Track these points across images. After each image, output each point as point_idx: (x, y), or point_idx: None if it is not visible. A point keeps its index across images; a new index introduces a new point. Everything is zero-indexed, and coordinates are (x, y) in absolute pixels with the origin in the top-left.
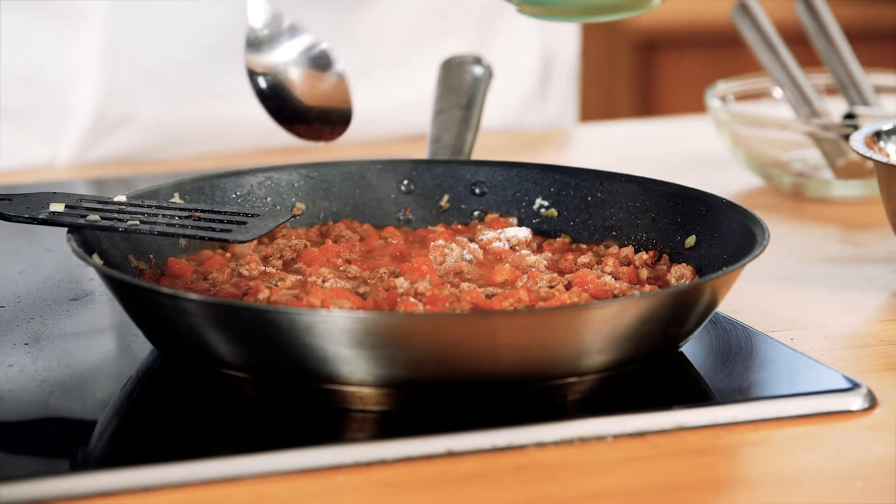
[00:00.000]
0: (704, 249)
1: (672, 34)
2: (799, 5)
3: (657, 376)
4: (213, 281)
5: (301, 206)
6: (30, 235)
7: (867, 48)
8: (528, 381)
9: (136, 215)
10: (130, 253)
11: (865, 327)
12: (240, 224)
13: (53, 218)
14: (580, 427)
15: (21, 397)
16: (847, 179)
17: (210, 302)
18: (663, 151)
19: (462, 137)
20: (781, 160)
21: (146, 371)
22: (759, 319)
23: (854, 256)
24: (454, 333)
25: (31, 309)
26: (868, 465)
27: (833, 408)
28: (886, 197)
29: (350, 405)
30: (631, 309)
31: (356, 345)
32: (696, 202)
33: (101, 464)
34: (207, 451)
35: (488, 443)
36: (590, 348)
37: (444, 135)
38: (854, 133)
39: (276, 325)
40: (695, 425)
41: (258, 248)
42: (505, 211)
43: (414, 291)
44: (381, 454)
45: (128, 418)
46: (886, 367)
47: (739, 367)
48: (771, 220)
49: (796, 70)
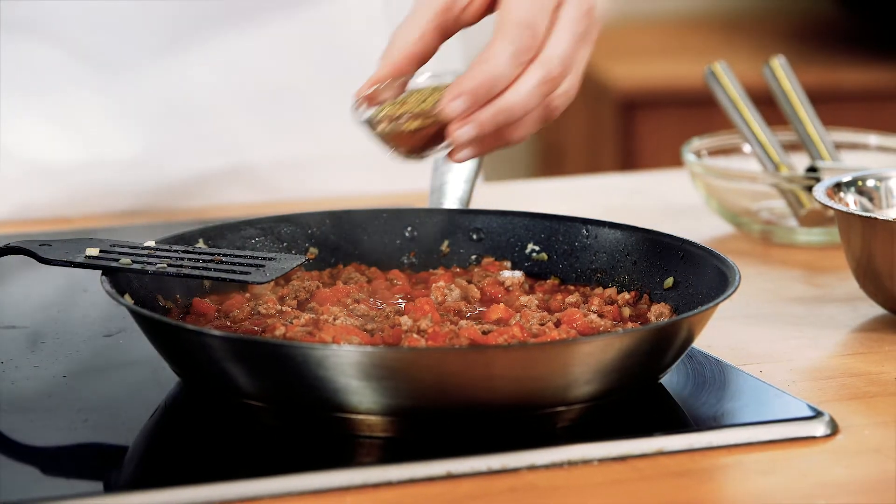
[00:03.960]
0: (681, 290)
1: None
2: (766, 69)
3: (639, 405)
4: (233, 318)
5: (314, 250)
6: (68, 278)
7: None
8: (521, 409)
9: (164, 259)
10: (159, 293)
11: (828, 361)
12: (258, 267)
13: (89, 261)
14: (569, 452)
15: (59, 424)
16: (810, 227)
17: (231, 338)
18: (643, 201)
19: (461, 188)
20: (751, 209)
21: (173, 401)
22: (731, 354)
23: (817, 297)
24: (453, 366)
25: (69, 344)
26: (830, 486)
27: (798, 434)
28: (846, 243)
29: (358, 432)
30: (615, 344)
31: (364, 377)
32: (673, 247)
33: (132, 485)
34: (228, 474)
35: (484, 466)
36: (577, 380)
37: (445, 186)
38: (816, 185)
39: (291, 358)
40: (673, 450)
41: (275, 289)
42: (500, 255)
43: (417, 328)
44: (387, 477)
45: (156, 444)
46: (847, 397)
47: (713, 397)
48: (742, 264)
49: (763, 128)
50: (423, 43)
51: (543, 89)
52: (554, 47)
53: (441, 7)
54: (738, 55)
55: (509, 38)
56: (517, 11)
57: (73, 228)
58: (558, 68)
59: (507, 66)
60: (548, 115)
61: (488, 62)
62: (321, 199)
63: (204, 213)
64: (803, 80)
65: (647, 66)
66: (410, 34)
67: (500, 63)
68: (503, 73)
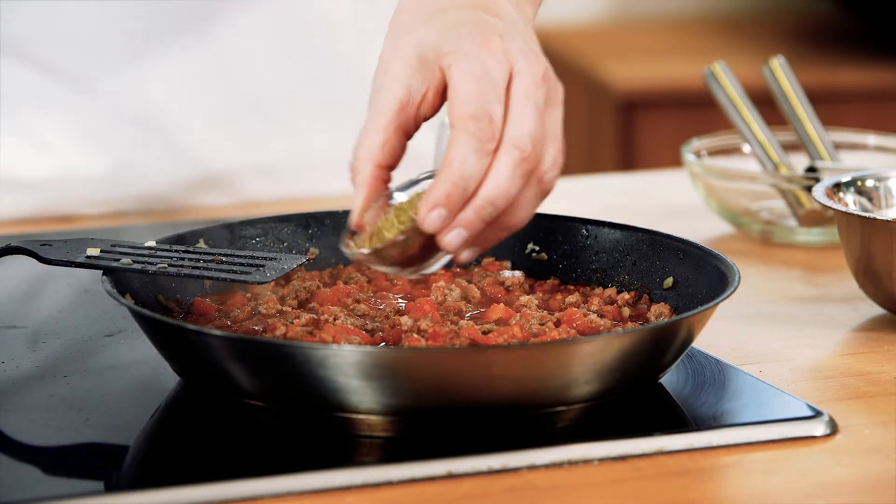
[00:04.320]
0: (681, 290)
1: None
2: (765, 70)
3: (639, 405)
4: (234, 318)
5: (315, 250)
6: (69, 277)
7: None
8: (521, 409)
9: (165, 259)
10: (159, 293)
11: (827, 360)
12: (259, 267)
13: (90, 261)
14: (569, 451)
15: (61, 424)
16: (810, 227)
17: (232, 337)
18: (643, 202)
19: None
20: (750, 209)
21: (173, 400)
22: (731, 353)
23: (816, 297)
24: (454, 366)
25: (70, 344)
26: (830, 485)
27: (798, 434)
28: (845, 243)
29: (359, 432)
30: (614, 344)
31: (364, 377)
32: (673, 247)
33: (132, 485)
34: (229, 473)
35: (485, 466)
36: (577, 380)
37: None
38: (816, 185)
39: (291, 358)
40: (673, 450)
41: (275, 289)
42: (500, 255)
43: (417, 328)
44: (388, 476)
45: (157, 443)
46: (846, 397)
47: (713, 397)
48: (741, 264)
49: (763, 128)
50: (389, 148)
51: (520, 171)
52: (517, 126)
53: (396, 109)
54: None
55: (466, 132)
56: (467, 105)
57: (74, 228)
58: (528, 146)
59: (472, 163)
60: (542, 190)
61: (452, 164)
62: (320, 199)
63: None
64: (802, 81)
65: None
66: (373, 143)
67: (465, 161)
68: (471, 171)
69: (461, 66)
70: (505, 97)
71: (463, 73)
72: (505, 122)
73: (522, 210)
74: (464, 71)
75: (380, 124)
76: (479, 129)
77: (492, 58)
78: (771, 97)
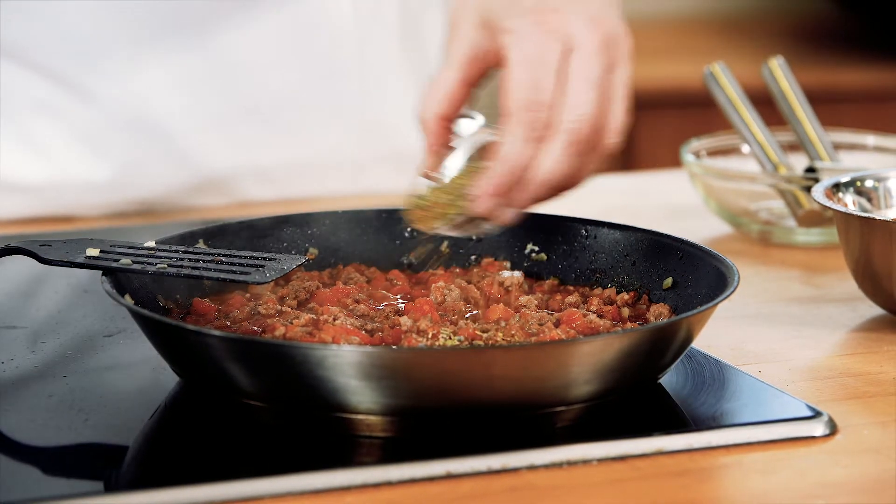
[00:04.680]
0: (680, 290)
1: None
2: (765, 70)
3: (638, 405)
4: (233, 319)
5: (314, 251)
6: (68, 278)
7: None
8: (521, 409)
9: (164, 259)
10: (159, 293)
11: (826, 361)
12: (258, 267)
13: (89, 262)
14: (568, 452)
15: (60, 424)
16: (809, 227)
17: (231, 338)
18: (643, 202)
19: None
20: (749, 210)
21: (173, 400)
22: (730, 354)
23: (815, 297)
24: (453, 366)
25: (70, 344)
26: (829, 485)
27: (797, 434)
28: (845, 243)
29: (358, 432)
30: (614, 344)
31: (364, 377)
32: (672, 248)
33: (132, 485)
34: (228, 473)
35: (484, 466)
36: (577, 380)
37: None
38: (815, 185)
39: (291, 358)
40: (673, 450)
41: (275, 289)
42: (499, 255)
43: (416, 328)
44: (387, 476)
45: (156, 443)
46: (846, 397)
47: (712, 397)
48: (740, 264)
49: (762, 128)
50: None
51: (574, 152)
52: (572, 109)
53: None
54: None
55: (518, 122)
56: (519, 93)
57: (74, 229)
58: (583, 128)
59: (524, 152)
60: (604, 149)
61: (505, 154)
62: (322, 200)
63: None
64: (802, 81)
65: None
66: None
67: (517, 151)
68: (523, 161)
69: (515, 49)
70: (561, 79)
71: (517, 56)
72: (560, 104)
73: (583, 174)
74: (518, 54)
75: (445, 77)
76: (532, 119)
77: (547, 37)
78: (770, 97)
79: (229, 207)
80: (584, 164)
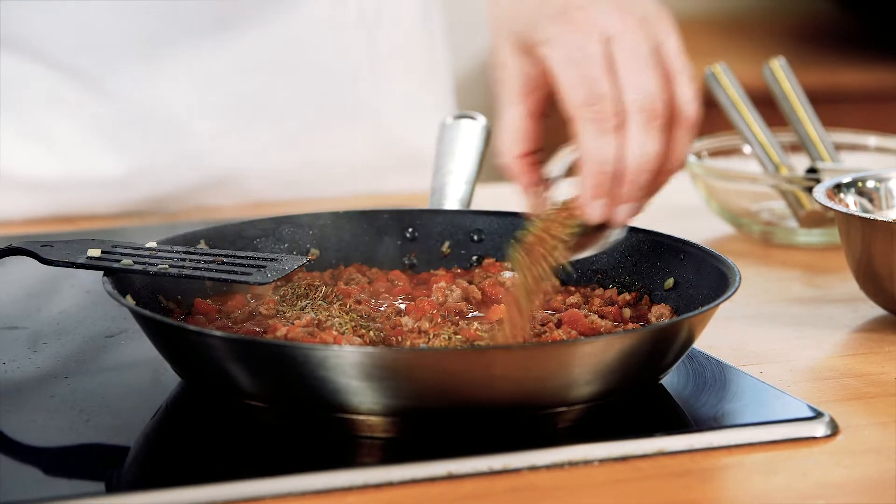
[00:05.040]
0: (682, 291)
1: None
2: (766, 71)
3: (639, 406)
4: (234, 319)
5: (315, 251)
6: (70, 278)
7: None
8: (522, 410)
9: (166, 260)
10: (160, 294)
11: (827, 361)
12: (259, 268)
13: (91, 262)
14: (570, 452)
15: (61, 424)
16: (810, 228)
17: (232, 338)
18: None
19: (462, 189)
20: (751, 210)
21: (174, 401)
22: (731, 354)
23: (817, 297)
24: (454, 367)
25: (71, 345)
26: (830, 486)
27: (798, 434)
28: (846, 244)
29: (359, 432)
30: (615, 345)
31: (365, 377)
32: (674, 248)
33: (133, 486)
34: (230, 474)
35: (486, 466)
36: (578, 380)
37: (446, 187)
38: (816, 186)
39: (292, 359)
40: (674, 450)
41: (276, 290)
42: (501, 256)
43: (418, 329)
44: (388, 477)
45: (158, 444)
46: (847, 398)
47: (714, 398)
48: (742, 265)
49: (764, 129)
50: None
51: (655, 129)
52: (634, 89)
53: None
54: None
55: (584, 120)
56: (575, 94)
57: (75, 229)
58: (653, 102)
59: (604, 146)
60: (689, 124)
61: (587, 155)
62: (322, 200)
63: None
64: (803, 82)
65: None
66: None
67: (596, 148)
68: (607, 154)
69: (555, 56)
70: (611, 66)
71: (560, 62)
72: (620, 89)
73: (678, 152)
74: (560, 60)
75: (511, 116)
76: (596, 112)
77: (581, 34)
78: (771, 98)
79: (240, 207)
80: (674, 141)
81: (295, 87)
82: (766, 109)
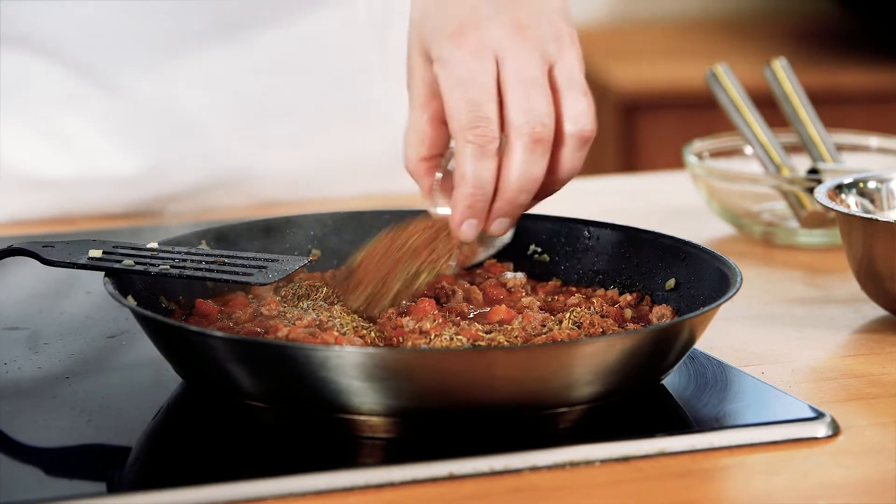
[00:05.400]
0: (683, 291)
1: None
2: (767, 71)
3: (641, 406)
4: (236, 320)
5: (317, 252)
6: (71, 279)
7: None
8: (523, 410)
9: (167, 260)
10: (161, 294)
11: (829, 362)
12: (261, 268)
13: (92, 263)
14: (571, 453)
15: (62, 425)
16: (811, 228)
17: (234, 339)
18: (645, 203)
19: None
20: (752, 211)
21: (175, 401)
22: (733, 355)
23: (818, 298)
24: (455, 367)
25: (72, 345)
26: (831, 486)
27: (800, 435)
28: (847, 244)
29: (361, 433)
30: (616, 345)
31: (366, 378)
32: (675, 249)
33: (135, 486)
34: (231, 474)
35: (487, 467)
36: (579, 381)
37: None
38: (818, 186)
39: (293, 359)
40: (675, 451)
41: (278, 290)
42: (502, 257)
43: (419, 329)
44: (390, 477)
45: (159, 444)
46: (848, 398)
47: (715, 398)
48: (743, 265)
49: (765, 130)
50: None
51: (537, 150)
52: (518, 112)
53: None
54: (739, 57)
55: (465, 142)
56: (459, 115)
57: (76, 230)
58: (534, 124)
59: (481, 168)
60: (581, 139)
61: (463, 176)
62: (322, 201)
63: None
64: (804, 82)
65: (649, 68)
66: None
67: (473, 169)
68: (483, 176)
69: (445, 76)
70: (498, 89)
71: (448, 83)
72: (506, 111)
73: (566, 167)
74: (448, 81)
75: (415, 120)
76: (477, 136)
77: (472, 56)
78: (773, 99)
79: (250, 207)
80: (560, 160)
81: (306, 88)
82: (767, 110)
